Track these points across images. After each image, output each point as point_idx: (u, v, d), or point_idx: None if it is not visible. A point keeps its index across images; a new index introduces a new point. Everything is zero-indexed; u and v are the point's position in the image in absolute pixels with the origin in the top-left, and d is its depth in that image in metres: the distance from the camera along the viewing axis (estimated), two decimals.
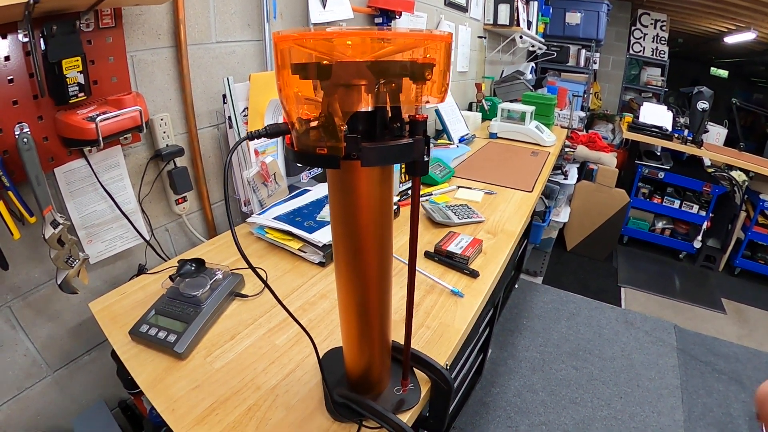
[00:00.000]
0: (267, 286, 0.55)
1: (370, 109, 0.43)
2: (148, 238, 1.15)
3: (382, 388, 0.71)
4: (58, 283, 0.93)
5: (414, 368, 0.75)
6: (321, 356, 0.78)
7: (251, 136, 0.48)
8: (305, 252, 1.14)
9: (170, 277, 0.99)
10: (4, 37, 0.80)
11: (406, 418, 0.69)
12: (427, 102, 0.46)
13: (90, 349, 1.11)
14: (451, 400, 0.75)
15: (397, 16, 1.92)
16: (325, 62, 0.38)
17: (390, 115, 0.45)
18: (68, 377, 1.08)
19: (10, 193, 0.82)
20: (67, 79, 0.86)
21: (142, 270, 1.12)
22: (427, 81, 0.43)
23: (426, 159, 0.46)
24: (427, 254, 1.18)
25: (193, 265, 0.99)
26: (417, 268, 1.07)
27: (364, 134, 0.43)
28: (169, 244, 1.27)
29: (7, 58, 0.81)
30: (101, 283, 1.11)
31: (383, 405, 0.66)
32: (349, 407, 0.67)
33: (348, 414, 0.68)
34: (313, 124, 0.42)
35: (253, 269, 0.53)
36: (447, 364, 0.81)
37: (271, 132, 0.47)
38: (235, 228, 1.31)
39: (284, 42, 0.42)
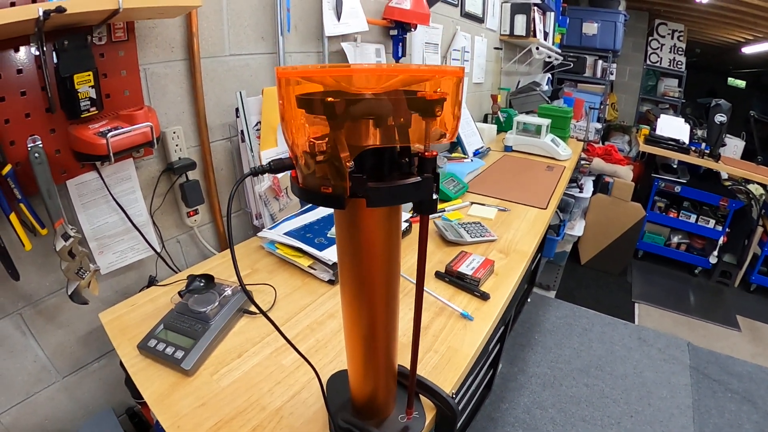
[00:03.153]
0: (265, 314, 0.54)
1: (377, 145, 0.42)
2: (159, 250, 1.16)
3: (387, 414, 0.69)
4: (69, 293, 0.94)
5: (420, 394, 0.74)
6: (329, 378, 0.78)
7: (255, 172, 0.47)
8: (315, 269, 1.13)
9: (179, 292, 0.99)
10: (17, 50, 0.80)
11: None
12: (440, 140, 0.45)
13: (100, 356, 1.12)
14: (456, 429, 0.74)
15: (413, 29, 1.90)
16: (329, 99, 0.38)
17: (398, 150, 0.44)
18: (77, 383, 1.09)
19: (22, 205, 0.83)
20: (79, 94, 0.86)
21: (152, 282, 1.13)
22: (437, 117, 0.42)
23: (435, 198, 0.44)
24: (438, 274, 1.16)
25: (202, 280, 1.00)
26: (426, 289, 1.06)
27: (370, 172, 0.42)
28: (181, 256, 1.27)
29: (19, 71, 0.82)
30: (112, 293, 1.12)
31: None
32: None
33: None
34: (319, 158, 0.41)
35: (249, 297, 0.53)
36: (453, 392, 0.80)
37: (275, 168, 0.47)
38: (245, 241, 1.30)
39: (288, 75, 0.41)
